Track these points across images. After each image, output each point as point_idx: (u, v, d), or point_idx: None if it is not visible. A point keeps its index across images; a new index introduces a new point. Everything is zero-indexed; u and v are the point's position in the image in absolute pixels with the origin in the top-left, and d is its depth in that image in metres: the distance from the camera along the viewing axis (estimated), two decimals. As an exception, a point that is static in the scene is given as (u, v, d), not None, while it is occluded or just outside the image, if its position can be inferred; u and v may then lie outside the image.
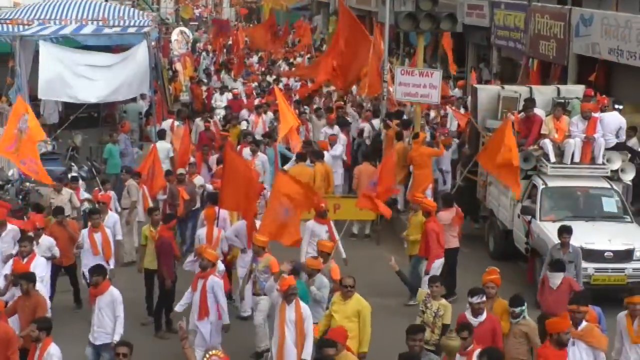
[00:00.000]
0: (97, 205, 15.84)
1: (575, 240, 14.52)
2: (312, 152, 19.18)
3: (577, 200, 16.57)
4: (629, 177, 16.99)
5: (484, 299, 10.68)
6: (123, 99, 24.79)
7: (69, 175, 18.87)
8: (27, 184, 19.25)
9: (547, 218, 16.02)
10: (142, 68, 22.27)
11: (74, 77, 21.85)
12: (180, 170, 18.38)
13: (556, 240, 14.56)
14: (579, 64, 25.25)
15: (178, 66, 36.74)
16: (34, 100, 25.02)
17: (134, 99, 26.18)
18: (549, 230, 15.51)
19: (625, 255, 15.18)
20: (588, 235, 15.24)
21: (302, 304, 11.49)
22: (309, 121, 23.67)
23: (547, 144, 16.78)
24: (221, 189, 14.90)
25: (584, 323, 10.44)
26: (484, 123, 18.62)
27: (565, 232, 14.04)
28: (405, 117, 22.16)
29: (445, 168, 20.66)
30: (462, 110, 24.04)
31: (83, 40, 24.49)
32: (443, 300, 11.59)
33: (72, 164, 21.29)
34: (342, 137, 21.40)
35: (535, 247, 16.04)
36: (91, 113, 26.27)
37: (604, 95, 19.24)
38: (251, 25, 61.81)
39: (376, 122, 22.75)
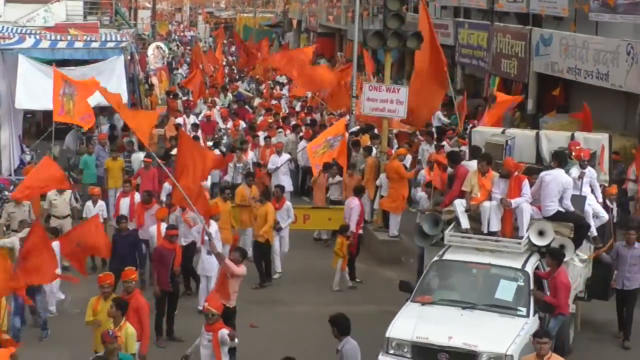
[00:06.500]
0: None
1: (408, 332, 11.66)
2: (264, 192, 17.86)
3: (468, 281, 12.85)
4: (566, 256, 12.69)
5: None
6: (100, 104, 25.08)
7: None
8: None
9: (420, 298, 12.48)
10: (120, 79, 22.93)
11: (50, 88, 22.40)
12: None
13: (392, 333, 11.80)
14: (539, 82, 26.22)
15: (154, 80, 37.18)
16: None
17: None
18: (402, 315, 12.20)
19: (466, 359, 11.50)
20: (431, 326, 11.82)
21: None
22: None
23: (458, 205, 13.20)
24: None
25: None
26: None
27: None
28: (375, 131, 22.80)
29: None
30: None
31: (60, 55, 24.93)
32: None
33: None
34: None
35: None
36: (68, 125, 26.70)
37: (576, 142, 14.18)
38: (225, 41, 62.34)
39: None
